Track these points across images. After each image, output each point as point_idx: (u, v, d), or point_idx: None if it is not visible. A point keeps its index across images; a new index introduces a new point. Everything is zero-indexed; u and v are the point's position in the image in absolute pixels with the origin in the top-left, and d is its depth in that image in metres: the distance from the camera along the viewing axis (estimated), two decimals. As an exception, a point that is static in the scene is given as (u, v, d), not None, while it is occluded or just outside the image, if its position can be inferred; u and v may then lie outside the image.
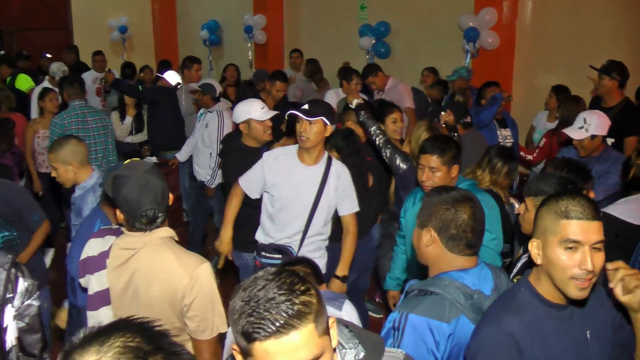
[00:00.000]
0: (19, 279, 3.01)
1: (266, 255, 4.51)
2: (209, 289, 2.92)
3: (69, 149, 4.41)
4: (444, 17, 9.96)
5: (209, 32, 13.89)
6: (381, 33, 10.76)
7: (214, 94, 6.97)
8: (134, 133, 8.43)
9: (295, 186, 4.39)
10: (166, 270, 2.91)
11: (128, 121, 8.32)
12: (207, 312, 2.91)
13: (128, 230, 2.98)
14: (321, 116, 4.22)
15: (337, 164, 4.53)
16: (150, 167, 2.96)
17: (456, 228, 2.56)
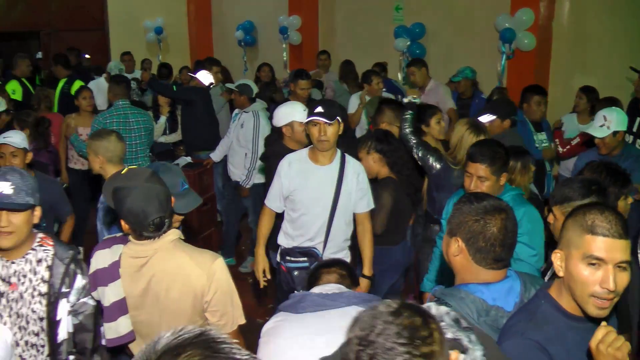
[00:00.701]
0: (78, 276, 3.11)
1: (291, 260, 4.57)
2: (226, 283, 3.02)
3: (103, 143, 4.56)
4: (479, 17, 10.03)
5: (244, 33, 14.11)
6: (416, 34, 10.89)
7: (250, 94, 7.10)
8: (168, 133, 8.60)
9: (313, 189, 4.47)
10: (183, 272, 2.98)
11: (162, 121, 8.44)
12: (226, 306, 3.02)
13: (136, 239, 3.00)
14: (337, 116, 4.31)
15: (353, 162, 4.61)
16: (150, 174, 2.98)
17: (484, 241, 2.49)
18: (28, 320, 3.07)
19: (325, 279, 3.31)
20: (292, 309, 3.03)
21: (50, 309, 3.06)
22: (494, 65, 9.60)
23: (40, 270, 3.06)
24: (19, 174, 2.97)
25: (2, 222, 2.90)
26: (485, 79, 9.34)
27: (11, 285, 3.05)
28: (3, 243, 2.94)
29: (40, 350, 3.10)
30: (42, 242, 3.11)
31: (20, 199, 2.91)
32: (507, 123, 5.70)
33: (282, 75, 12.13)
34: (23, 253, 3.06)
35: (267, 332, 3.05)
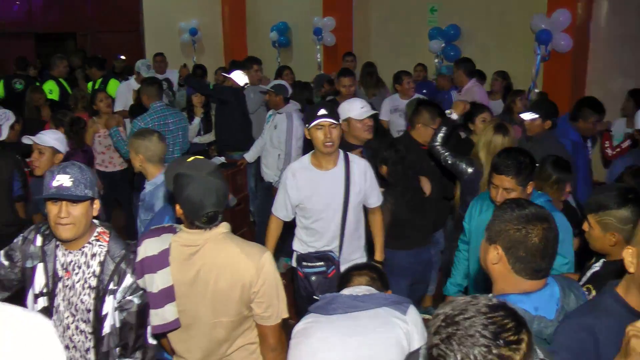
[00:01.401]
0: (127, 275, 3.21)
1: (308, 265, 4.61)
2: (273, 276, 3.10)
3: (144, 142, 4.67)
4: (515, 19, 10.10)
5: (278, 34, 14.27)
6: (451, 36, 11.03)
7: (285, 95, 7.23)
8: (202, 134, 8.72)
9: (322, 195, 4.52)
10: (233, 262, 3.05)
11: (196, 122, 8.54)
12: (272, 298, 3.09)
13: (187, 227, 3.12)
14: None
15: (357, 160, 4.65)
16: (213, 168, 3.08)
17: (525, 251, 2.47)
18: (77, 309, 3.23)
19: (356, 281, 3.37)
20: (322, 310, 3.08)
21: (97, 303, 3.20)
22: (529, 67, 9.66)
23: (93, 264, 3.22)
24: (78, 168, 3.13)
25: (61, 214, 3.05)
26: (519, 81, 9.41)
27: (67, 273, 3.23)
28: (62, 234, 3.10)
29: (88, 337, 3.25)
30: (99, 237, 3.26)
31: (79, 191, 3.05)
32: (547, 124, 5.71)
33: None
34: (81, 245, 3.22)
35: (298, 333, 3.11)
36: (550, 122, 5.75)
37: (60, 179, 3.06)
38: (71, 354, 3.29)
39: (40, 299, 3.28)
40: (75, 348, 3.28)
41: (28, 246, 3.31)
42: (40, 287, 3.28)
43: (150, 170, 4.70)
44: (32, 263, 3.28)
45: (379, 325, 2.94)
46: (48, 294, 3.27)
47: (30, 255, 3.29)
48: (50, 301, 3.27)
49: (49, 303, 3.27)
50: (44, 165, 5.08)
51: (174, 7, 15.93)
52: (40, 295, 3.28)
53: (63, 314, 3.27)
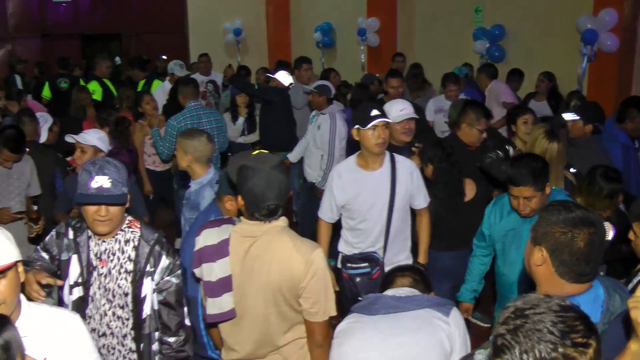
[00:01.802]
0: (162, 256, 3.33)
1: (352, 266, 4.64)
2: (322, 273, 3.16)
3: (193, 142, 4.76)
4: (560, 18, 10.05)
5: (322, 34, 14.40)
6: (496, 36, 11.05)
7: (329, 96, 7.28)
8: (246, 134, 8.81)
9: (368, 196, 4.55)
10: (285, 256, 3.14)
11: (240, 122, 8.67)
12: (320, 294, 3.15)
13: (247, 218, 3.22)
14: None
15: (402, 160, 4.69)
16: (278, 162, 3.17)
17: (570, 255, 2.45)
18: (114, 294, 3.33)
19: (399, 282, 3.39)
20: (365, 310, 3.10)
21: (135, 286, 3.31)
22: (574, 67, 9.63)
23: (128, 249, 3.34)
24: (114, 166, 3.21)
25: (101, 213, 3.15)
26: (565, 82, 9.41)
27: (101, 262, 3.34)
28: (101, 230, 3.22)
29: (125, 322, 3.36)
30: (131, 224, 3.38)
31: (118, 191, 3.15)
32: (589, 128, 5.61)
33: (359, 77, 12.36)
34: (114, 234, 3.34)
35: (340, 333, 3.13)
36: (592, 126, 5.64)
37: (99, 180, 3.12)
38: (108, 340, 3.39)
39: (75, 289, 3.38)
40: (112, 335, 3.39)
41: (62, 240, 3.43)
42: (75, 278, 3.38)
43: (197, 170, 4.79)
44: (67, 255, 3.39)
45: (421, 326, 2.97)
46: (83, 284, 3.37)
47: (64, 248, 3.40)
48: (85, 290, 3.37)
49: (84, 292, 3.37)
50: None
51: (218, 8, 16.21)
52: (75, 285, 3.38)
53: (99, 301, 3.37)
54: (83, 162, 5.02)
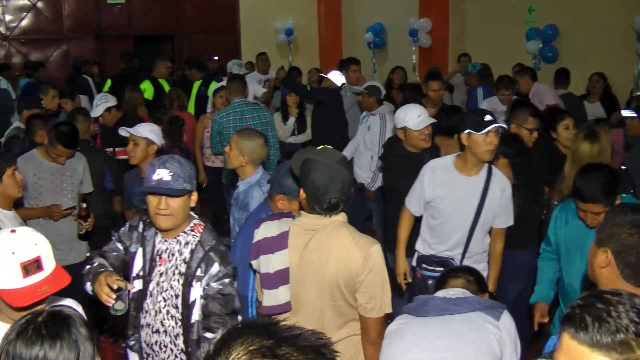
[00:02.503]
0: (215, 263, 3.33)
1: (427, 268, 4.67)
2: (379, 268, 3.24)
3: (251, 144, 4.78)
4: (616, 19, 10.02)
5: (374, 35, 14.49)
6: (549, 37, 11.02)
7: (379, 97, 7.33)
8: (297, 134, 8.93)
9: (457, 199, 4.54)
10: (342, 249, 3.21)
11: (290, 122, 8.80)
12: (376, 290, 3.22)
13: (307, 212, 3.31)
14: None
15: (499, 174, 4.65)
16: (341, 158, 3.25)
17: (636, 257, 2.44)
18: (168, 294, 3.42)
19: (451, 283, 3.41)
20: (415, 311, 3.12)
21: (185, 289, 3.36)
22: (630, 68, 9.65)
23: (185, 252, 3.41)
24: (178, 162, 3.32)
25: (161, 206, 3.25)
26: (620, 83, 9.45)
27: (161, 260, 3.45)
28: (162, 224, 3.33)
29: (178, 323, 3.42)
30: (194, 227, 3.46)
31: (178, 185, 3.24)
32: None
33: (411, 78, 12.44)
34: (177, 234, 3.43)
35: (390, 333, 3.15)
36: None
37: (160, 172, 3.25)
38: (161, 337, 3.48)
39: (136, 281, 3.51)
40: (165, 332, 3.46)
41: (133, 232, 3.58)
42: (137, 270, 3.52)
43: (247, 170, 4.82)
44: (135, 248, 3.54)
45: (471, 329, 2.98)
46: (143, 278, 3.49)
47: (134, 240, 3.55)
48: (145, 285, 3.49)
49: (144, 286, 3.50)
50: (138, 156, 5.29)
51: (270, 8, 16.50)
52: (137, 277, 3.52)
53: (156, 297, 3.46)
54: (136, 154, 5.30)
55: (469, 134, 4.41)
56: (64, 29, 15.99)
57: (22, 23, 15.64)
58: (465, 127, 4.48)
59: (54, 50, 15.92)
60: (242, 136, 4.86)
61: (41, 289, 2.63)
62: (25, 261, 2.62)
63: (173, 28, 16.97)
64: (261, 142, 4.85)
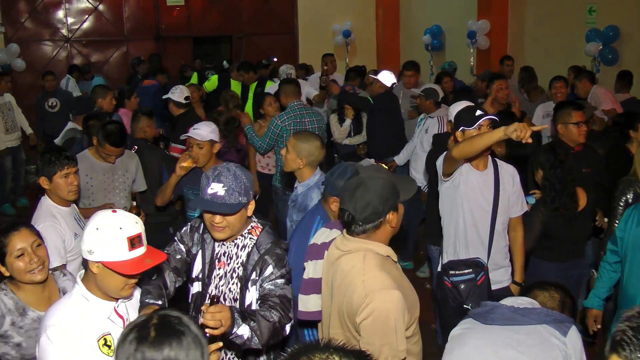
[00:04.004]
0: (269, 266, 3.39)
1: (456, 273, 4.60)
2: (382, 316, 3.01)
3: (309, 147, 4.84)
4: None
5: (431, 37, 14.68)
6: (610, 38, 11.02)
7: (436, 99, 7.52)
8: (352, 135, 8.98)
9: (476, 194, 4.64)
10: (352, 282, 3.12)
11: (347, 124, 8.85)
12: (374, 338, 3.02)
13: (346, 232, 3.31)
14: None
15: (504, 164, 4.79)
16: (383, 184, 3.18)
17: None
18: (226, 297, 3.50)
19: (533, 294, 3.37)
20: (481, 318, 3.10)
21: (242, 292, 3.45)
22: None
23: (242, 255, 3.48)
24: (233, 175, 3.32)
25: (215, 220, 3.32)
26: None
27: (219, 263, 3.54)
28: (217, 236, 3.42)
29: None
30: (252, 230, 3.53)
31: (233, 200, 3.27)
32: None
33: (468, 80, 12.70)
34: (234, 237, 3.51)
35: (454, 338, 3.16)
36: None
37: (214, 187, 3.26)
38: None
39: (195, 283, 3.60)
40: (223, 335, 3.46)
41: (194, 233, 3.65)
42: (196, 272, 3.60)
43: (306, 172, 4.88)
44: (196, 249, 3.63)
45: (537, 343, 2.94)
46: (202, 280, 3.57)
47: (195, 242, 3.64)
48: (204, 287, 3.56)
49: (203, 289, 3.57)
50: (203, 160, 5.31)
51: (328, 10, 16.87)
52: (196, 279, 3.60)
53: None
54: (200, 158, 5.31)
55: (462, 131, 4.61)
56: (125, 30, 16.58)
57: (84, 25, 16.31)
58: (458, 125, 4.71)
59: (114, 51, 16.56)
60: (300, 139, 4.91)
61: (146, 261, 2.89)
62: (131, 235, 2.86)
63: (231, 29, 17.37)
64: (318, 144, 4.90)
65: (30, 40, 15.87)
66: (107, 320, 3.01)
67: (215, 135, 5.50)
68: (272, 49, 16.10)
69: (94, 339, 2.94)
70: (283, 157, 4.98)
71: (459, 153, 4.36)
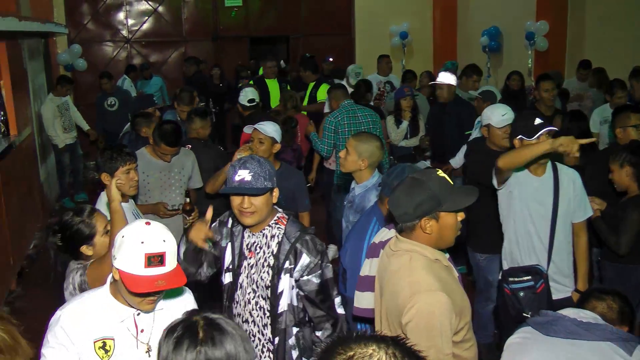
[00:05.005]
0: (303, 254, 3.59)
1: (515, 280, 4.63)
2: (426, 319, 3.00)
3: (371, 148, 4.91)
4: None
5: (489, 39, 14.64)
6: None
7: (493, 102, 7.48)
8: (409, 137, 9.14)
9: (533, 201, 4.67)
10: (398, 282, 3.15)
11: (404, 125, 8.99)
12: (420, 340, 2.90)
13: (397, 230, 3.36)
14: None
15: (565, 169, 4.78)
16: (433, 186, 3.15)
17: None
18: (258, 286, 3.69)
19: (591, 304, 3.37)
20: (541, 328, 3.04)
21: (274, 280, 3.62)
22: None
23: (272, 244, 3.67)
24: (257, 162, 3.58)
25: (244, 204, 3.54)
26: None
27: (250, 253, 3.73)
28: (246, 221, 3.62)
29: (266, 314, 3.70)
30: (279, 220, 3.73)
31: (259, 184, 3.51)
32: None
33: (526, 82, 12.48)
34: (262, 228, 3.72)
35: (511, 346, 3.13)
36: None
37: (241, 173, 3.50)
38: (250, 327, 3.75)
39: (227, 274, 3.81)
40: (254, 323, 3.74)
41: (223, 228, 3.86)
42: (227, 264, 3.80)
43: (365, 174, 4.95)
44: (225, 242, 3.83)
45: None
46: (233, 271, 3.77)
47: (224, 235, 3.84)
48: (235, 277, 3.77)
49: (234, 279, 3.77)
50: (263, 154, 5.30)
51: (385, 11, 16.94)
52: (227, 270, 3.81)
53: (246, 289, 3.74)
54: (260, 152, 5.39)
55: (520, 139, 4.59)
56: (183, 31, 16.94)
57: (144, 26, 16.73)
58: (515, 133, 4.68)
59: (172, 52, 16.94)
60: (360, 140, 4.97)
61: (158, 282, 2.81)
62: (150, 253, 2.80)
63: (288, 29, 17.61)
64: (379, 145, 4.98)
65: (92, 41, 16.43)
66: (120, 324, 3.04)
67: (278, 135, 5.66)
68: (328, 50, 16.24)
69: (90, 339, 2.98)
70: (342, 158, 5.03)
71: (505, 164, 4.48)
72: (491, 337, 5.96)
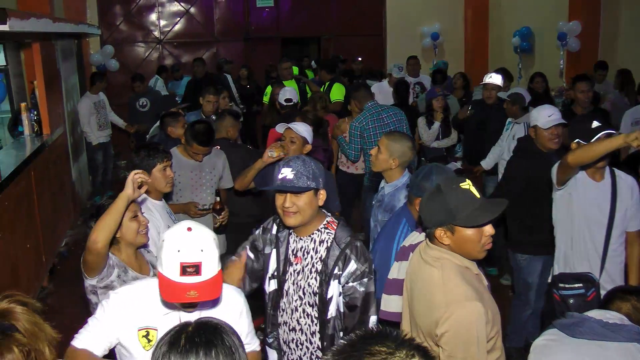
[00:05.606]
0: (351, 261, 3.48)
1: (565, 287, 4.51)
2: (464, 330, 2.98)
3: (402, 148, 4.91)
4: None
5: (521, 39, 14.61)
6: None
7: (523, 104, 7.56)
8: (441, 138, 9.12)
9: (590, 206, 4.65)
10: (431, 291, 3.12)
11: (435, 126, 8.97)
12: (456, 351, 2.98)
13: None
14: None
15: (624, 175, 4.77)
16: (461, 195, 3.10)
17: None
18: (305, 292, 3.58)
19: (616, 305, 3.30)
20: (568, 330, 3.01)
21: (322, 286, 3.51)
22: None
23: (320, 250, 3.56)
24: (302, 161, 3.51)
25: (286, 204, 3.45)
26: None
27: (296, 258, 3.62)
28: (288, 221, 3.52)
29: (314, 321, 3.59)
30: (328, 225, 3.62)
31: (301, 183, 3.42)
32: None
33: (557, 84, 12.69)
34: (310, 232, 3.60)
35: (538, 349, 3.09)
36: None
37: (284, 172, 3.44)
38: (297, 335, 3.67)
39: (272, 281, 3.70)
40: (301, 331, 3.65)
41: (267, 234, 3.77)
42: (272, 270, 3.70)
43: (396, 173, 4.94)
44: (269, 249, 3.73)
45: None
46: (278, 277, 3.66)
47: (268, 242, 3.75)
48: (280, 284, 3.66)
49: (279, 286, 3.67)
50: (294, 153, 5.28)
51: (417, 12, 17.02)
52: (272, 277, 3.70)
53: (292, 296, 3.62)
54: (290, 151, 5.45)
55: (577, 143, 4.58)
56: (215, 32, 17.15)
57: (175, 27, 16.98)
58: (573, 136, 4.66)
59: (203, 52, 17.06)
60: (392, 139, 4.97)
61: (189, 293, 2.76)
62: (186, 262, 2.77)
63: (319, 30, 17.78)
64: (410, 145, 4.97)
65: (124, 42, 16.75)
66: (164, 317, 3.05)
67: (310, 136, 5.67)
68: (360, 50, 16.33)
69: (135, 327, 3.04)
70: (373, 156, 5.03)
71: (575, 160, 4.40)
72: (523, 341, 5.84)
